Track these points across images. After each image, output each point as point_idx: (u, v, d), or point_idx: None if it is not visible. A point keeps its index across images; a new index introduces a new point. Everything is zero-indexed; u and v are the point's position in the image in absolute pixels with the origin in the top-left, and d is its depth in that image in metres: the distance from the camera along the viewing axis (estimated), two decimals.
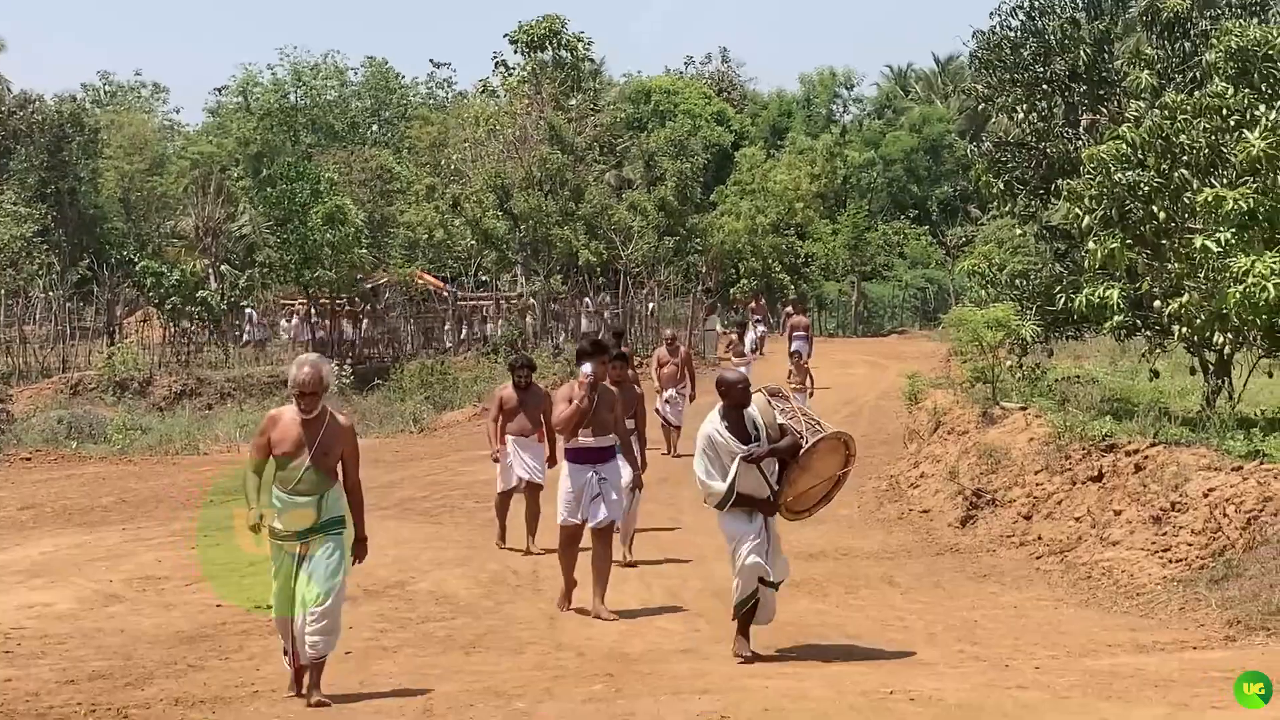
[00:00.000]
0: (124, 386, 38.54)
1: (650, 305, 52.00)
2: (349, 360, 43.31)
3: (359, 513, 9.77)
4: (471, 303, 53.24)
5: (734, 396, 11.15)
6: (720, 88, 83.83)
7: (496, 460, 16.90)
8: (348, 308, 50.86)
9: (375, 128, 78.83)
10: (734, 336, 40.68)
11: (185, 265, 48.41)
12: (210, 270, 54.57)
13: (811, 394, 27.41)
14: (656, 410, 24.98)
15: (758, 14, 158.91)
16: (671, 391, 25.87)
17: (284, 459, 9.70)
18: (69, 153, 62.65)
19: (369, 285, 51.61)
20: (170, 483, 23.68)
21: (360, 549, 9.79)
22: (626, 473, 13.80)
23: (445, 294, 51.78)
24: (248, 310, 48.45)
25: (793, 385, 26.15)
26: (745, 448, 10.95)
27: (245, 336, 47.89)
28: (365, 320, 50.83)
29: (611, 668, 10.62)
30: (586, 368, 13.16)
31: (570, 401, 13.16)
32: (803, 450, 10.90)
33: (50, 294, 47.17)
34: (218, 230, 61.72)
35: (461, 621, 12.70)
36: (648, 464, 15.36)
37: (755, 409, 11.16)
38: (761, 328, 47.58)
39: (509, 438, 16.64)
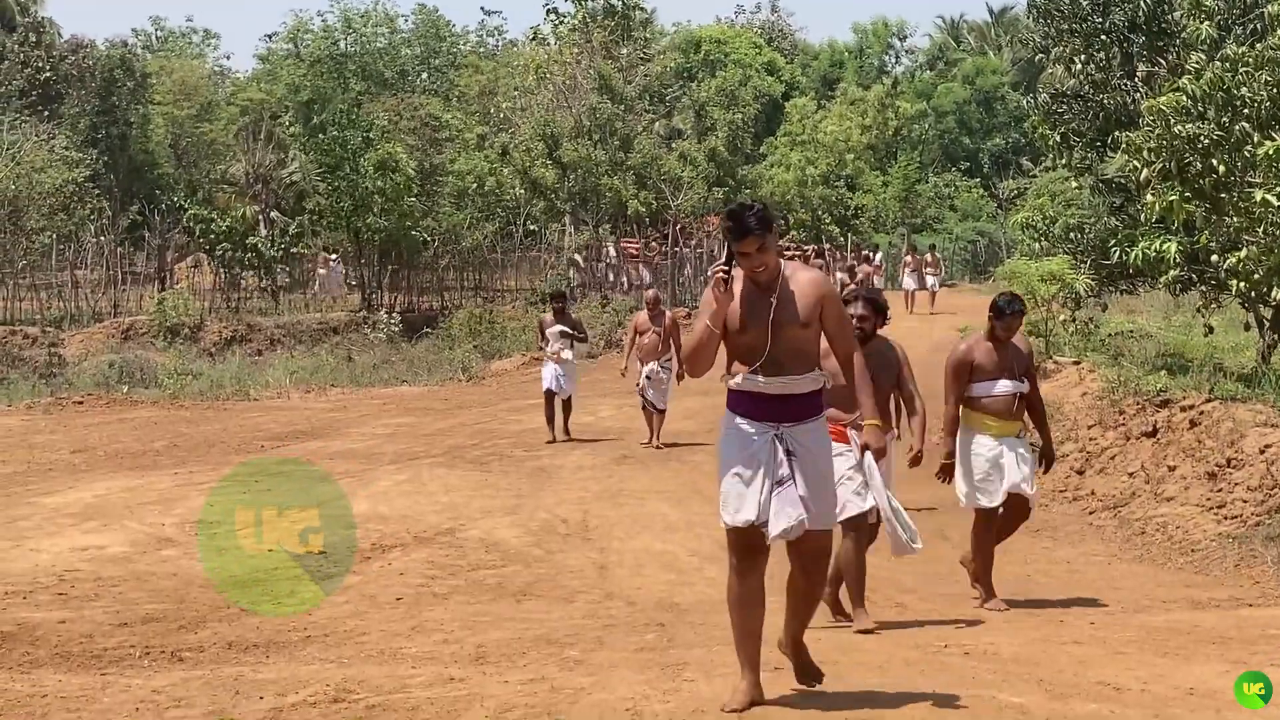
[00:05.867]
0: (175, 332, 38.74)
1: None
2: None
3: None
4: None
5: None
6: (770, 37, 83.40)
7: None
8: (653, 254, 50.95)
9: (425, 76, 78.66)
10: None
11: (235, 211, 48.46)
12: (260, 216, 54.66)
13: None
14: (637, 388, 21.12)
15: None
16: (654, 365, 20.81)
17: None
18: (119, 98, 62.75)
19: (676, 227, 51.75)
20: (222, 428, 23.78)
21: None
22: (847, 458, 9.51)
23: None
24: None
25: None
26: None
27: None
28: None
29: (663, 618, 10.60)
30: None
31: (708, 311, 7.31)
32: None
33: (101, 239, 47.35)
34: (268, 177, 61.76)
35: (512, 569, 12.70)
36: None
37: None
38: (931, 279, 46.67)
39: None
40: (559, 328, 21.55)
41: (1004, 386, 11.13)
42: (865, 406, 7.66)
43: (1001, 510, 11.19)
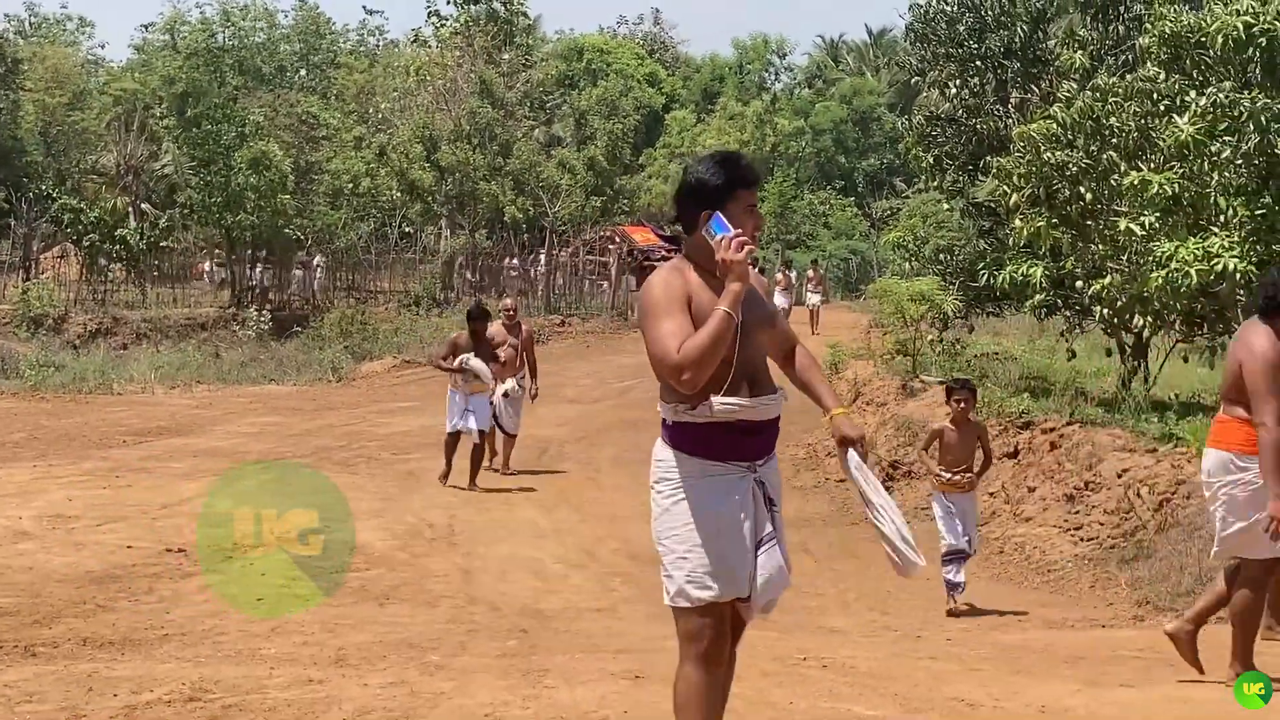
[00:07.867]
0: (38, 323, 38.03)
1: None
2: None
3: None
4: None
5: None
6: (652, 49, 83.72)
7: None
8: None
9: (303, 73, 77.96)
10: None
11: (105, 202, 47.73)
12: (130, 209, 53.85)
13: None
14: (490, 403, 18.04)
15: None
16: (512, 383, 18.58)
17: None
18: None
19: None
20: (83, 421, 23.40)
21: None
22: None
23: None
24: None
25: None
26: None
27: None
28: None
29: (526, 624, 10.60)
30: (719, 223, 5.48)
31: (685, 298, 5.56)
32: None
33: None
34: (139, 169, 60.87)
35: (375, 573, 12.61)
36: None
37: None
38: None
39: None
40: (477, 362, 17.52)
41: None
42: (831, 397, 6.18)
43: None
